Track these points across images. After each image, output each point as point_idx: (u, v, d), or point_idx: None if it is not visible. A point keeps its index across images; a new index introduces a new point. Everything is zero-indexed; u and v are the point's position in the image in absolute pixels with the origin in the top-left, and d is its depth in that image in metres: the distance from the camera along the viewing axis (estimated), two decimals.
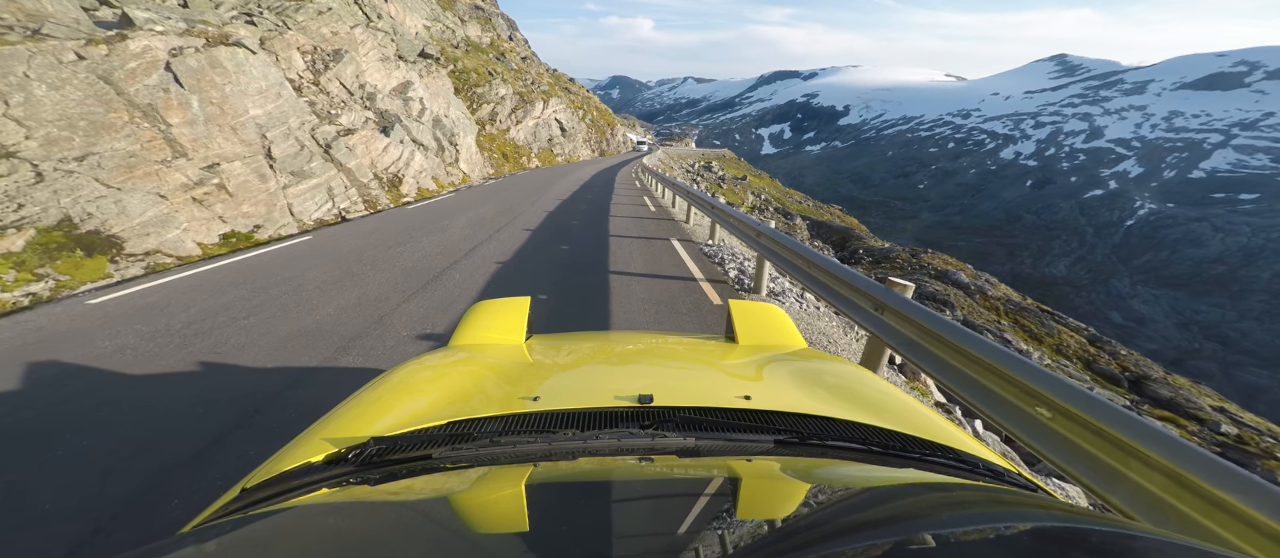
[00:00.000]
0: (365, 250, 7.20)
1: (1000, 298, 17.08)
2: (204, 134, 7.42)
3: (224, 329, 4.33)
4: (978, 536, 0.58)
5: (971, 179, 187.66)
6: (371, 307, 4.95)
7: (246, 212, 7.84)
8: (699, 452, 0.85)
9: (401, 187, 13.32)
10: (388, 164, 13.32)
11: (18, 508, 2.29)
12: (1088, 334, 15.06)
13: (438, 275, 5.94)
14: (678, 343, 1.72)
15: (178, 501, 2.35)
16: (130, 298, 5.19)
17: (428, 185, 14.91)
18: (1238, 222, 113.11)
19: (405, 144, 14.59)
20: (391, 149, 13.65)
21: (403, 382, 1.23)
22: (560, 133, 45.10)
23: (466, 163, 20.87)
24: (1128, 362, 13.21)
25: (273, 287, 5.51)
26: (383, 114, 14.89)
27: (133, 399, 3.24)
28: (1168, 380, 12.02)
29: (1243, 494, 1.40)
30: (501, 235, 8.56)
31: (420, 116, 17.42)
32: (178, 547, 0.57)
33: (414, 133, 15.75)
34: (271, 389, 3.38)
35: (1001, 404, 2.39)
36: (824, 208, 52.67)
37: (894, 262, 20.77)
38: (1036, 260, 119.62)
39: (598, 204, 13.95)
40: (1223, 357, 76.34)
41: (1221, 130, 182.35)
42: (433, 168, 16.23)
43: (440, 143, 18.17)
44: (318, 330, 4.34)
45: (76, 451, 2.69)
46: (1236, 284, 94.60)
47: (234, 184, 7.73)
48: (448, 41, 37.37)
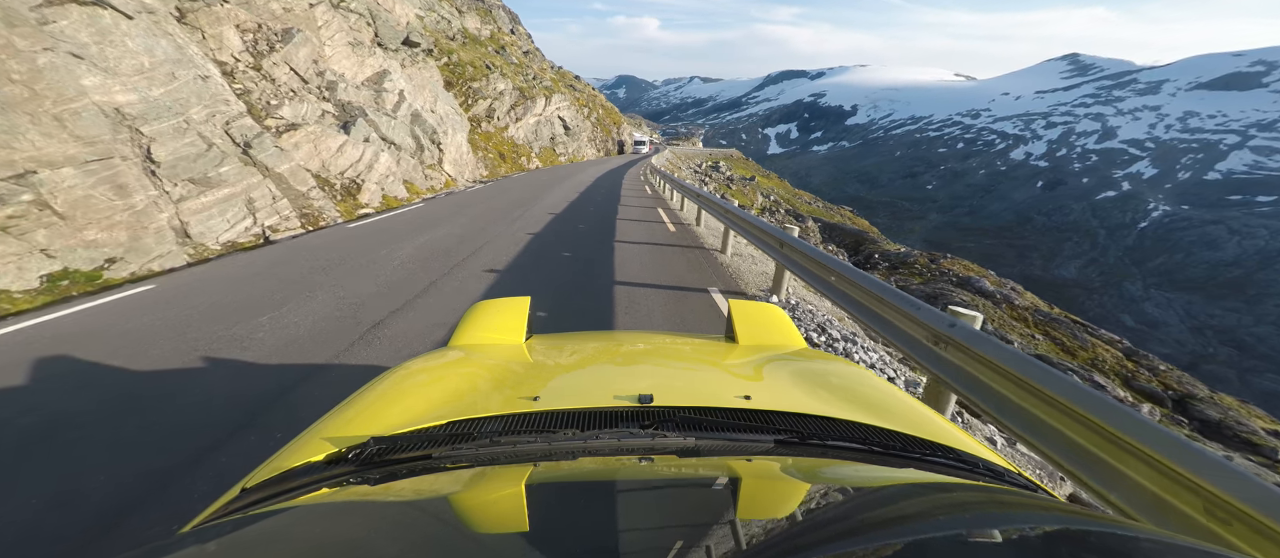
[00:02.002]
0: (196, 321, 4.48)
1: (1027, 307, 15.59)
2: (4, 126, 5.04)
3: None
4: (978, 536, 0.58)
5: (981, 180, 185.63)
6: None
7: (93, 239, 5.45)
8: (699, 452, 0.84)
9: (360, 194, 10.95)
10: (344, 167, 10.95)
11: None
12: (1123, 348, 13.64)
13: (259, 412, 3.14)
14: (678, 343, 1.72)
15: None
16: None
17: (397, 192, 12.48)
18: (1254, 224, 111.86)
19: (371, 142, 12.25)
20: (349, 149, 11.24)
21: (403, 382, 1.21)
22: (563, 131, 42.80)
23: (453, 164, 18.51)
24: (1169, 378, 11.83)
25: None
26: (345, 107, 12.54)
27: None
28: (1215, 400, 10.65)
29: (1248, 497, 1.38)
30: (451, 282, 5.85)
31: (395, 111, 15.06)
32: (178, 547, 0.57)
33: (384, 129, 13.39)
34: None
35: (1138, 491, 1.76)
36: (834, 209, 51.39)
37: (912, 267, 19.27)
38: (1047, 262, 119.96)
39: (599, 220, 11.18)
40: (1238, 362, 74.92)
41: (1238, 131, 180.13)
42: (407, 171, 13.86)
43: (420, 141, 15.80)
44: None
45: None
46: (1253, 288, 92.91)
47: (66, 201, 5.29)
48: (442, 32, 35.06)
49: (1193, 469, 1.53)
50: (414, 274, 6.07)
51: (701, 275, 7.08)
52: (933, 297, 13.84)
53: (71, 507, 2.34)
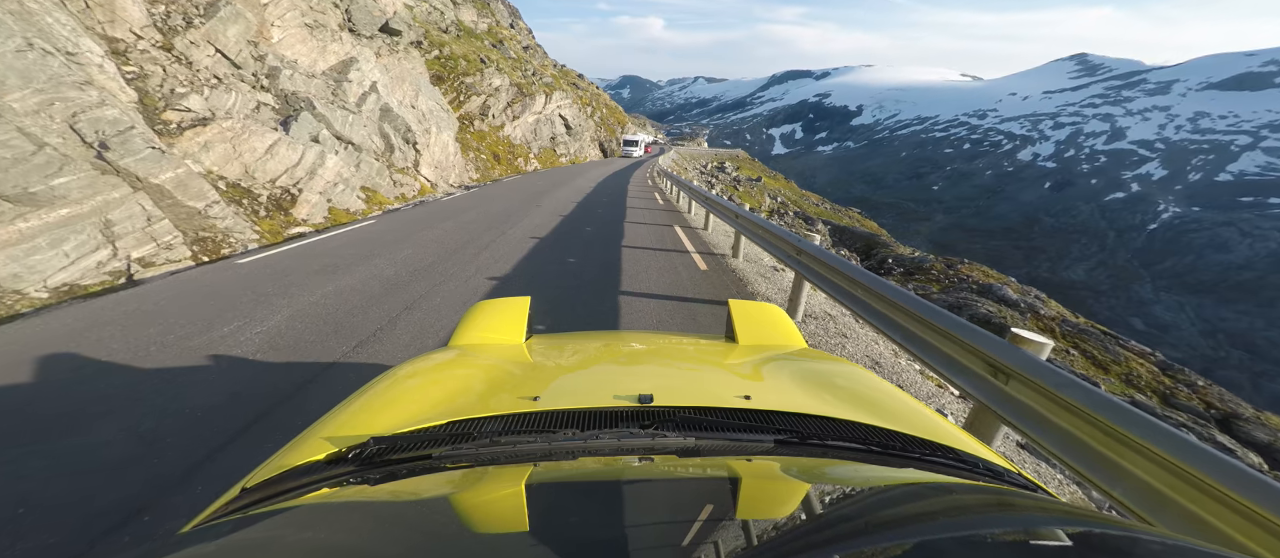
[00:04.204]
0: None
1: (1054, 317, 14.23)
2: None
3: None
4: (978, 536, 0.58)
5: (987, 181, 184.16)
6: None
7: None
8: (699, 452, 0.84)
9: (296, 207, 8.66)
10: (275, 173, 8.64)
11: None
12: (1157, 361, 12.40)
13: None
14: (678, 343, 1.70)
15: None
16: None
17: (349, 203, 10.13)
18: (1266, 226, 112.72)
19: (321, 142, 9.98)
20: (282, 150, 8.90)
21: (403, 382, 1.20)
22: (565, 130, 40.54)
23: (434, 167, 16.23)
24: (1208, 395, 10.82)
25: None
26: (289, 98, 10.28)
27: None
28: (1262, 420, 9.82)
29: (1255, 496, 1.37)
30: (324, 392, 3.45)
31: (360, 105, 12.78)
32: (178, 547, 0.57)
33: (339, 126, 11.09)
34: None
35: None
36: (842, 211, 50.09)
37: (928, 272, 18.19)
38: (1054, 264, 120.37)
39: (598, 247, 8.15)
40: (1251, 366, 74.65)
41: (1249, 132, 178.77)
42: (369, 176, 11.57)
43: (390, 141, 13.51)
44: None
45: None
46: (1266, 291, 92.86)
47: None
48: (434, 23, 32.85)
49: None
50: (273, 384, 3.40)
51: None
52: (956, 307, 12.60)
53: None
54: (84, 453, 2.62)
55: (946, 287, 16.74)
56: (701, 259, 7.79)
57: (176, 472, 2.52)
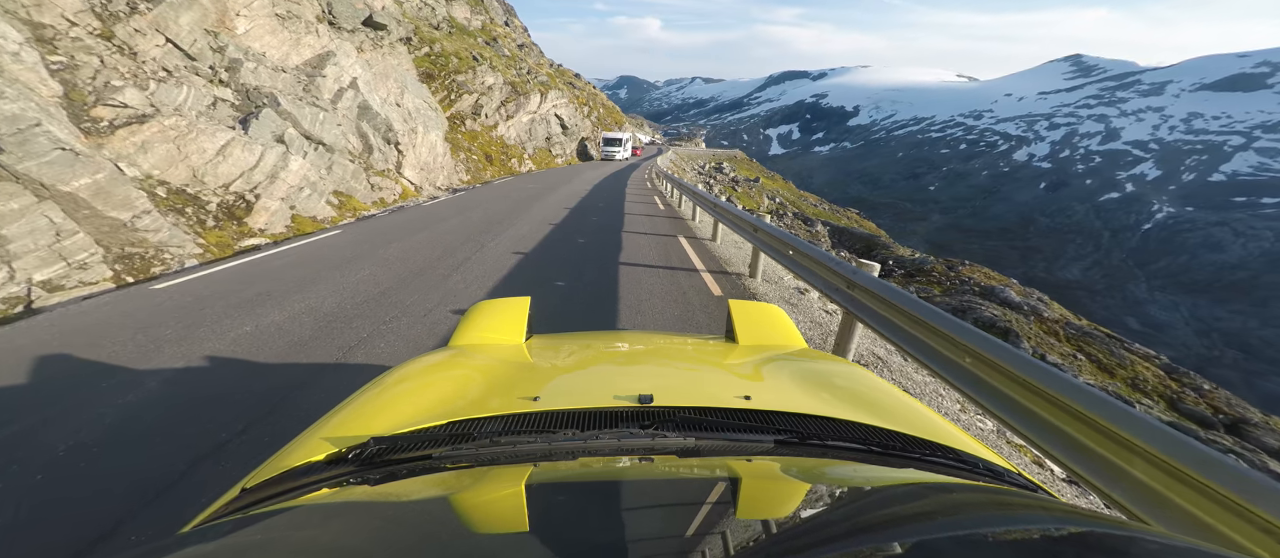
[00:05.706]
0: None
1: (1057, 320, 13.86)
2: None
3: None
4: (978, 536, 0.58)
5: (983, 181, 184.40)
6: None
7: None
8: (699, 452, 0.83)
9: (252, 215, 7.70)
10: (229, 176, 7.68)
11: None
12: (1161, 364, 12.09)
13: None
14: (678, 343, 1.69)
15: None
16: None
17: (318, 210, 9.15)
18: (1260, 226, 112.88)
19: (288, 143, 9.01)
20: (236, 150, 7.92)
21: (403, 382, 1.19)
22: (561, 131, 39.57)
23: (418, 169, 15.27)
24: (1216, 399, 10.60)
25: None
26: (251, 94, 9.32)
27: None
28: (1270, 425, 9.56)
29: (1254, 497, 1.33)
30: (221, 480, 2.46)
31: (335, 101, 11.81)
32: (178, 547, 0.57)
33: (307, 124, 10.12)
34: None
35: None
36: (840, 211, 49.94)
37: (929, 274, 17.75)
38: (1050, 264, 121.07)
39: (593, 265, 7.12)
40: (1244, 365, 74.94)
41: (1243, 133, 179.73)
42: (342, 179, 10.61)
43: (369, 141, 12.56)
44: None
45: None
46: (1259, 291, 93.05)
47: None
48: (425, 20, 31.85)
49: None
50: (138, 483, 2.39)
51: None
52: (960, 310, 12.05)
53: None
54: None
55: (948, 289, 16.22)
56: (713, 281, 6.66)
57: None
